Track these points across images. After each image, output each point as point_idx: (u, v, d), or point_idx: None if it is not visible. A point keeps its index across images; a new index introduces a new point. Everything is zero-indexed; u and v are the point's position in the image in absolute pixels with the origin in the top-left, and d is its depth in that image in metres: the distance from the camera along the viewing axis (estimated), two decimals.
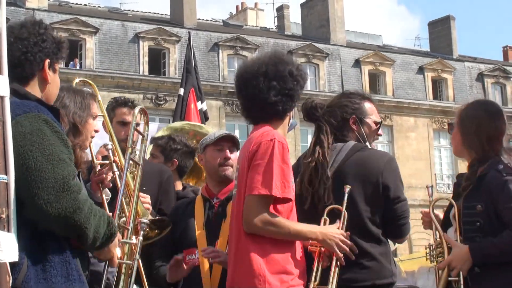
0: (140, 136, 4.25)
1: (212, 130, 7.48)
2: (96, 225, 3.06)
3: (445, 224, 4.38)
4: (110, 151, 4.46)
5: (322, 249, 4.03)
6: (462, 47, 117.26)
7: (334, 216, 4.15)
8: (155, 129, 9.37)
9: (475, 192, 4.16)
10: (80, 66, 36.18)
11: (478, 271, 4.08)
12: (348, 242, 4.01)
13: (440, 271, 4.27)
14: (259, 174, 3.84)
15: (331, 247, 3.98)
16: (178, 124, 7.89)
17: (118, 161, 4.47)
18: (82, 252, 3.25)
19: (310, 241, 4.03)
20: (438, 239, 4.31)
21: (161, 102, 36.62)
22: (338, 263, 4.00)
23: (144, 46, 37.84)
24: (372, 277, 4.24)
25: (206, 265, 4.70)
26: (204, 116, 10.05)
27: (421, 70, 43.71)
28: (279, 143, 3.88)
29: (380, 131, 4.66)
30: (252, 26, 48.09)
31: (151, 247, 4.52)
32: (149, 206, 4.70)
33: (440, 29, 47.58)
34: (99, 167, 4.46)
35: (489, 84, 45.29)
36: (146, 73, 37.36)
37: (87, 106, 4.04)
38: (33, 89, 3.22)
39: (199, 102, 9.98)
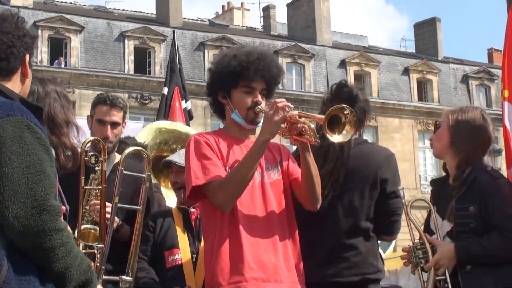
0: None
1: (191, 131, 7.46)
2: (69, 263, 2.90)
3: (428, 232, 4.38)
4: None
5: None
6: (448, 49, 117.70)
7: None
8: (140, 127, 9.33)
9: (468, 194, 4.17)
10: (65, 65, 36.06)
11: (469, 269, 4.09)
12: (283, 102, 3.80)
13: (426, 272, 4.27)
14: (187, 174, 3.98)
15: (274, 121, 3.77)
16: (163, 124, 7.80)
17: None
18: None
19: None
20: (418, 240, 4.30)
21: (146, 102, 36.54)
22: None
23: (130, 45, 37.76)
24: (357, 272, 4.22)
25: (189, 264, 4.70)
26: (188, 115, 10.01)
27: (406, 71, 43.82)
28: (193, 141, 4.00)
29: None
30: (238, 26, 48.09)
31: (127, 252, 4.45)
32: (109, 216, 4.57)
33: (425, 31, 47.73)
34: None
35: (474, 86, 45.45)
36: (132, 72, 37.28)
37: (65, 96, 3.94)
38: (15, 84, 3.18)
39: (183, 101, 9.94)
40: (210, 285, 3.88)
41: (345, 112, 3.64)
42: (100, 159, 4.38)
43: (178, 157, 5.01)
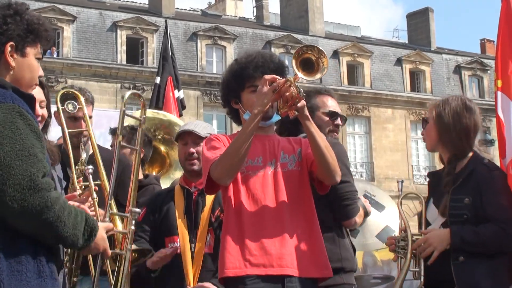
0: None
1: (174, 118, 7.45)
2: (73, 223, 2.99)
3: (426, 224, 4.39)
4: (90, 176, 4.41)
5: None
6: (441, 39, 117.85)
7: None
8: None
9: (463, 186, 4.19)
10: (58, 55, 35.94)
11: (462, 260, 4.10)
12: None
13: (401, 260, 4.30)
14: None
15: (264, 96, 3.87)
16: (151, 112, 7.79)
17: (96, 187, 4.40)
18: (55, 249, 3.19)
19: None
20: (403, 234, 4.31)
21: (139, 91, 36.43)
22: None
23: (122, 35, 37.66)
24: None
25: (187, 252, 4.72)
26: (181, 104, 10.01)
27: (399, 61, 43.83)
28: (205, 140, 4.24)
29: (338, 121, 4.80)
30: (231, 16, 48.01)
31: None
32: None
33: (418, 21, 47.73)
34: (79, 191, 4.40)
35: (467, 77, 45.50)
36: (124, 62, 37.18)
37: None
38: None
39: (176, 90, 9.94)
40: (220, 275, 3.95)
41: (309, 51, 3.83)
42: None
43: (194, 126, 5.06)
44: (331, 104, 4.83)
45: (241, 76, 4.12)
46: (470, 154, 4.32)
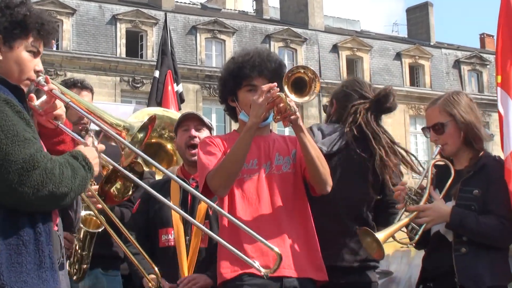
0: None
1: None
2: (72, 171, 3.00)
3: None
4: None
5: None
6: (440, 34, 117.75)
7: None
8: (131, 110, 9.31)
9: (474, 178, 4.19)
10: (57, 48, 35.89)
11: (464, 251, 4.10)
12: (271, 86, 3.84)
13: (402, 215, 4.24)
14: None
15: (261, 104, 3.81)
16: (154, 110, 7.78)
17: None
18: (56, 238, 3.18)
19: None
20: (419, 190, 4.26)
21: (138, 85, 36.43)
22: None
23: (122, 28, 37.62)
24: (358, 258, 4.30)
25: (182, 245, 4.69)
26: (180, 98, 9.99)
27: (398, 56, 43.80)
28: (200, 144, 4.23)
29: None
30: (230, 9, 47.95)
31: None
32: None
33: (418, 15, 47.70)
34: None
35: (466, 71, 45.48)
36: (123, 55, 37.15)
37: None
38: None
39: (175, 84, 9.92)
40: (218, 280, 3.97)
41: (302, 71, 3.81)
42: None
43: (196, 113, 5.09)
44: None
45: (238, 75, 4.11)
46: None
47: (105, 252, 5.04)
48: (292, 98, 3.77)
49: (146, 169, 6.44)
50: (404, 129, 42.27)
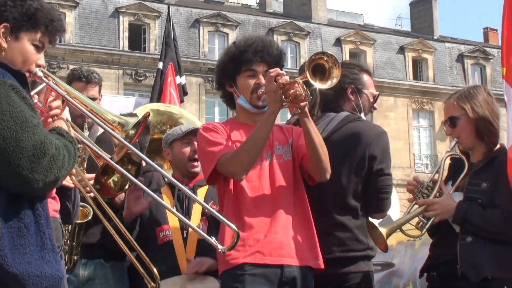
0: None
1: (185, 112, 7.41)
2: (68, 154, 3.02)
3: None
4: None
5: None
6: (443, 28, 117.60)
7: None
8: (132, 102, 9.29)
9: (483, 171, 4.21)
10: (60, 41, 35.82)
11: (470, 241, 4.10)
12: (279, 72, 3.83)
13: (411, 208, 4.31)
14: None
15: (274, 91, 3.81)
16: (157, 106, 7.77)
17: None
18: (57, 225, 3.20)
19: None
20: (431, 184, 4.30)
21: (141, 78, 36.45)
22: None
23: (124, 21, 37.62)
24: (346, 249, 4.22)
25: (179, 240, 4.70)
26: (182, 91, 9.97)
27: (401, 50, 43.77)
28: (202, 129, 4.15)
29: (375, 105, 4.65)
30: (234, 3, 47.91)
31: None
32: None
33: (421, 9, 47.64)
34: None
35: (469, 65, 45.42)
36: (126, 48, 37.16)
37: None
38: None
39: (178, 76, 9.89)
40: (220, 269, 3.98)
41: (325, 58, 3.79)
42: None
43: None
44: (373, 85, 4.69)
45: (239, 59, 4.09)
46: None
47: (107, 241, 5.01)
48: (313, 82, 3.74)
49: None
50: (407, 123, 42.27)
